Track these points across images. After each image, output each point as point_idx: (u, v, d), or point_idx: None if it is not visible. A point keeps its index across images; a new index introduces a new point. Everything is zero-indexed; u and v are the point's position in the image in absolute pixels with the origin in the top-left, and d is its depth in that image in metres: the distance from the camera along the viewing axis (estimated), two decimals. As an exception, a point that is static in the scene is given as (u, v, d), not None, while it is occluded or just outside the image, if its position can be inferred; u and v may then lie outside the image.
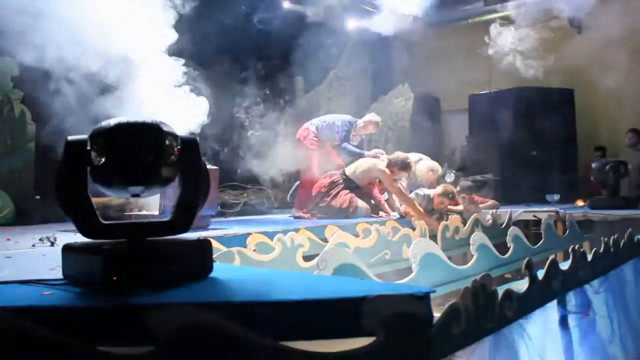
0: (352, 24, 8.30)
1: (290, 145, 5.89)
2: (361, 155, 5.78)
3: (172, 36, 3.70)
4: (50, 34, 3.20)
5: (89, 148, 1.42)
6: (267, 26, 6.70)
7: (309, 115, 6.25)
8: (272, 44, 6.71)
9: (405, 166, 5.52)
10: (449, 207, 5.47)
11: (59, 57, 3.30)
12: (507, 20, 8.62)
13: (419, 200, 5.37)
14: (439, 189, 5.48)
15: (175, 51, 3.83)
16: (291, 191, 6.12)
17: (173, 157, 1.46)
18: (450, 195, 5.41)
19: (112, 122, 1.42)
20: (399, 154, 5.67)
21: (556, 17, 7.85)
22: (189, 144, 1.53)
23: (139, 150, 1.40)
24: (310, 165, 5.72)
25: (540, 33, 7.94)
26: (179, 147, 1.48)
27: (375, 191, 5.61)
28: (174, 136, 1.47)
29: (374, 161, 5.53)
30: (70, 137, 1.45)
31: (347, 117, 6.00)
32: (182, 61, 3.83)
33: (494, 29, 8.07)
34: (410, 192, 5.69)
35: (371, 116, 6.08)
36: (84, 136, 1.44)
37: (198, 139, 1.54)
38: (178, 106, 3.69)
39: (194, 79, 4.01)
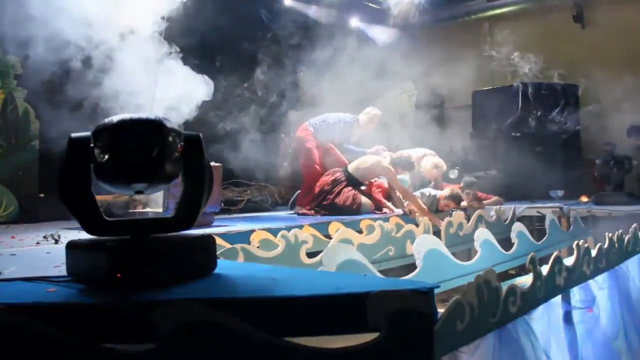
0: (355, 21, 8.28)
1: (290, 142, 5.89)
2: (363, 153, 5.76)
3: (163, 24, 3.73)
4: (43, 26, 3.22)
5: (92, 145, 1.42)
6: (268, 22, 6.69)
7: (311, 112, 6.23)
8: (274, 40, 6.70)
9: (408, 166, 5.52)
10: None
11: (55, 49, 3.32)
12: (510, 16, 8.61)
13: (424, 200, 5.36)
14: (446, 191, 5.47)
15: (174, 43, 3.85)
16: (292, 200, 6.14)
17: (176, 154, 1.46)
18: (457, 199, 5.39)
19: (115, 119, 1.42)
20: (403, 153, 5.66)
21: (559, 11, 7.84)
22: (192, 141, 1.53)
23: (142, 147, 1.40)
24: (312, 163, 5.71)
25: (543, 28, 7.93)
26: (182, 143, 1.48)
27: (374, 189, 5.59)
28: (177, 133, 1.47)
29: (378, 158, 5.51)
30: (73, 134, 1.45)
31: (346, 115, 5.93)
32: (176, 49, 3.86)
33: (496, 24, 8.05)
34: (414, 189, 5.69)
35: (371, 110, 5.95)
36: (87, 133, 1.44)
37: (201, 135, 1.54)
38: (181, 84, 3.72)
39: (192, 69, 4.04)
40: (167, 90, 3.73)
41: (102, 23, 3.41)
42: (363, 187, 5.48)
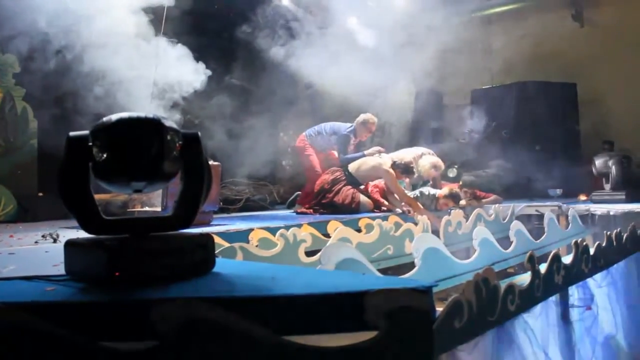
0: (353, 20, 8.26)
1: (288, 141, 5.90)
2: (362, 156, 5.75)
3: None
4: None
5: (90, 144, 1.42)
6: (271, 20, 6.68)
7: (310, 111, 6.24)
8: (274, 38, 6.69)
9: (408, 171, 5.51)
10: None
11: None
12: (510, 14, 8.62)
13: (424, 199, 5.36)
14: (445, 190, 5.48)
15: (174, 39, 3.87)
16: (290, 199, 6.15)
17: (175, 153, 1.46)
18: (456, 198, 5.40)
19: (114, 117, 1.42)
20: (404, 156, 5.65)
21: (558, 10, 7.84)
22: (191, 140, 1.53)
23: (141, 146, 1.40)
24: (314, 168, 5.76)
25: (542, 27, 7.92)
26: (180, 142, 1.48)
27: (372, 189, 5.58)
28: (176, 131, 1.47)
29: (379, 161, 5.50)
30: (72, 133, 1.45)
31: (341, 126, 5.92)
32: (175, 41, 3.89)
33: (496, 23, 8.04)
34: (413, 188, 5.69)
35: (366, 117, 5.92)
36: (86, 132, 1.44)
37: (199, 133, 1.54)
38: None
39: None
40: (166, 84, 3.74)
41: (98, 18, 3.42)
42: (362, 187, 5.49)
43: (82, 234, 1.54)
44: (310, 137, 5.88)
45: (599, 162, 6.07)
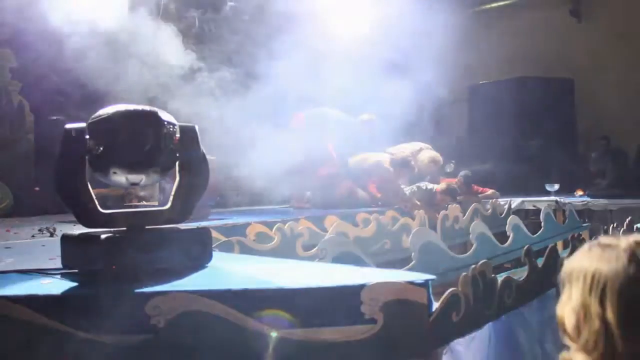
0: (347, 14, 8.20)
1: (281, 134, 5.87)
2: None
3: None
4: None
5: (87, 136, 1.41)
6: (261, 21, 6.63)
7: (304, 105, 6.19)
8: (270, 30, 6.63)
9: (406, 165, 5.50)
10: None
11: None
12: (507, 9, 8.60)
13: (421, 193, 5.35)
14: (443, 185, 5.47)
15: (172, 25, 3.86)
16: (288, 194, 6.12)
17: (172, 146, 1.45)
18: (453, 193, 5.40)
19: (110, 110, 1.41)
20: (402, 151, 5.63)
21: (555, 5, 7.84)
22: (188, 133, 1.52)
23: (137, 139, 1.39)
24: (307, 156, 5.69)
25: (540, 22, 7.92)
26: (177, 135, 1.47)
27: (369, 183, 5.57)
28: (173, 124, 1.46)
29: (379, 159, 5.47)
30: (68, 125, 1.44)
31: (345, 121, 5.87)
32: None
33: (493, 17, 8.03)
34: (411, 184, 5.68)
35: (369, 116, 5.89)
36: (82, 124, 1.43)
37: (197, 127, 1.54)
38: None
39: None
40: (159, 67, 3.73)
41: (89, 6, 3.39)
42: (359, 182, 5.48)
43: (79, 228, 1.54)
44: (309, 119, 5.79)
45: (595, 157, 6.09)
